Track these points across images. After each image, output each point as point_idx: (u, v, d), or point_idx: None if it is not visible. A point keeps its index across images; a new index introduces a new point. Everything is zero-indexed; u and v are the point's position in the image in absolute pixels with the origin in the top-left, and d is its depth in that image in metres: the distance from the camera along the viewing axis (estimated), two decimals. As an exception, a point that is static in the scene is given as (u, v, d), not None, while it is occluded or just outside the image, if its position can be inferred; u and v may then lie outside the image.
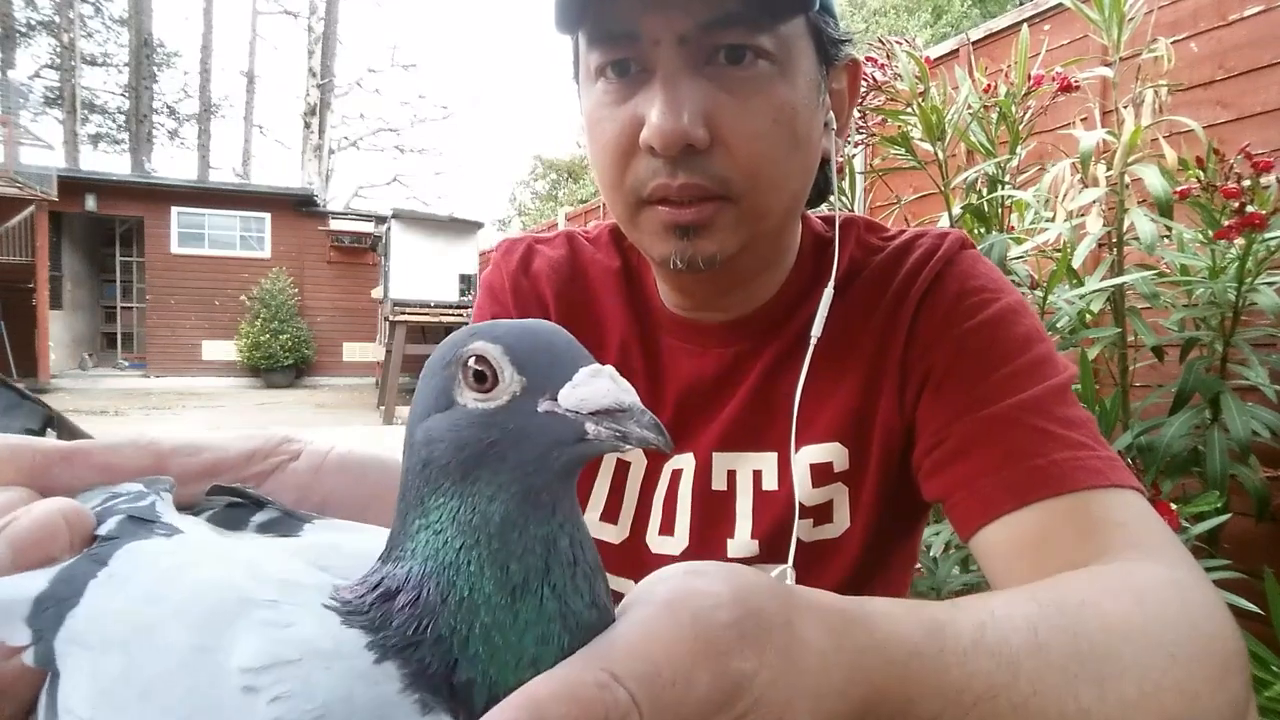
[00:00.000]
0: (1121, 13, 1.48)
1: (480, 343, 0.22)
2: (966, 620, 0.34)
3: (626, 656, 0.20)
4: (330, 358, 14.41)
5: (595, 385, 0.21)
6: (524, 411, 0.21)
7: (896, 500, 0.65)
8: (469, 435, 0.21)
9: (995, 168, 1.63)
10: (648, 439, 0.21)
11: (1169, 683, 0.37)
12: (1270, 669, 0.96)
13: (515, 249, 0.77)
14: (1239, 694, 0.40)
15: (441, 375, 0.23)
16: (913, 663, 0.30)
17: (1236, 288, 1.36)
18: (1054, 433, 0.55)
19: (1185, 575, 0.45)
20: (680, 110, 0.55)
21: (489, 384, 0.22)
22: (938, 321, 0.62)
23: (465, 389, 0.22)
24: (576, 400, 0.21)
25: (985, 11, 14.49)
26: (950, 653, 0.31)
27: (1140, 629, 0.39)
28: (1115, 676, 0.36)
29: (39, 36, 20.90)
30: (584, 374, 0.22)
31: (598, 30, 0.58)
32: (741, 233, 0.60)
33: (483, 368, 0.22)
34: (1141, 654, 0.38)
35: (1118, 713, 0.35)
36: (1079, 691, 0.35)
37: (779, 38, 0.57)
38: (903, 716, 0.29)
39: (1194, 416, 1.40)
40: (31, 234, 11.26)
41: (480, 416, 0.22)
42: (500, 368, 0.22)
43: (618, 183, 0.60)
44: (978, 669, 0.32)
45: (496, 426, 0.21)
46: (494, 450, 0.21)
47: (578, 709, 0.19)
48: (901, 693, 0.29)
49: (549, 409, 0.21)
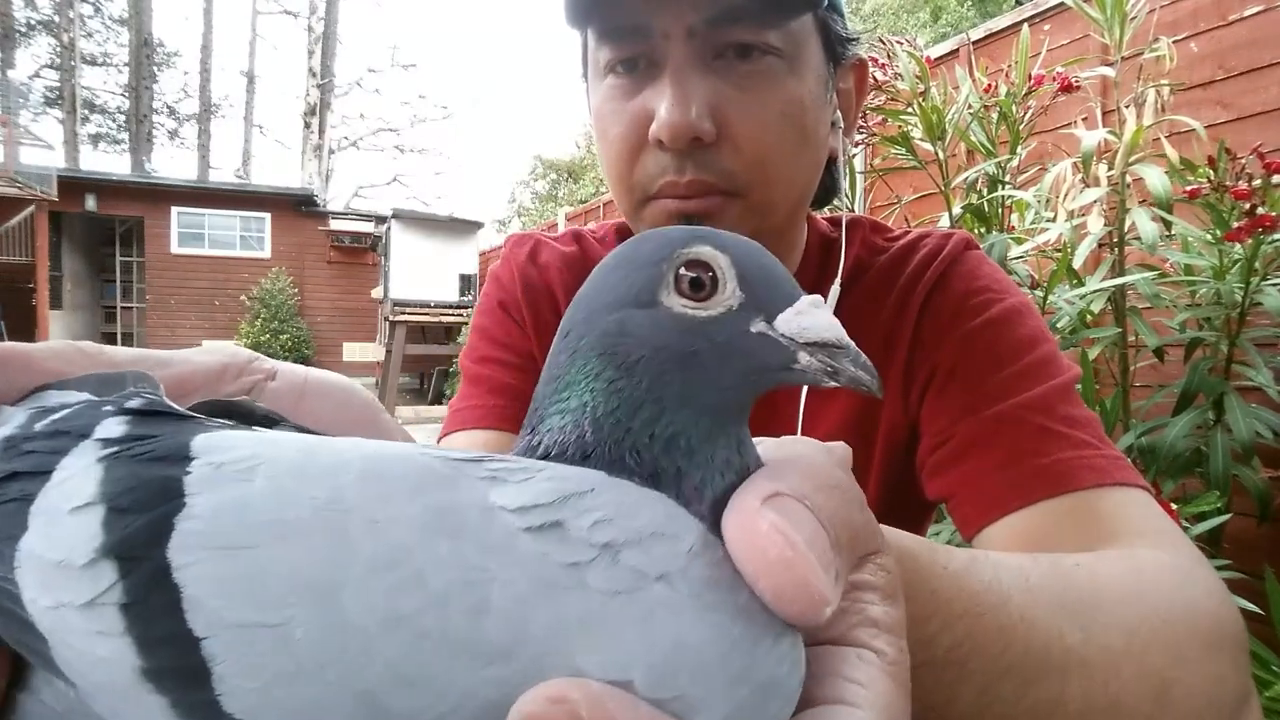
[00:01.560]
0: (1123, 12, 1.48)
1: (707, 247, 0.21)
2: (959, 552, 0.34)
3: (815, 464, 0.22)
4: (330, 358, 14.39)
5: (818, 316, 0.21)
6: (736, 328, 0.20)
7: (900, 499, 0.65)
8: (671, 339, 0.20)
9: (995, 168, 1.64)
10: (861, 379, 0.20)
11: (1157, 642, 0.37)
12: (1270, 669, 0.96)
13: (524, 243, 0.77)
14: (1227, 673, 0.40)
15: (649, 270, 0.21)
16: (907, 561, 0.30)
17: (1243, 288, 1.36)
18: (1058, 432, 0.55)
19: (1189, 563, 0.45)
20: (689, 104, 0.55)
21: (705, 292, 0.21)
22: (942, 321, 0.63)
23: (673, 292, 0.21)
24: (797, 328, 0.20)
25: (983, 12, 14.49)
26: (942, 567, 0.32)
27: (1133, 592, 0.39)
28: (1102, 626, 0.36)
29: (39, 36, 20.92)
30: (806, 302, 0.21)
31: (607, 25, 0.59)
32: (747, 227, 0.60)
33: (699, 274, 0.21)
34: (1131, 612, 0.38)
35: (1101, 657, 0.35)
36: (1065, 631, 0.35)
37: (787, 34, 0.57)
38: None
39: (1197, 417, 1.40)
40: (31, 234, 11.26)
41: (689, 323, 0.20)
42: (724, 278, 0.21)
43: (625, 177, 0.61)
44: (967, 586, 0.32)
45: (704, 336, 0.20)
46: (696, 360, 0.20)
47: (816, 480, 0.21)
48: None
49: (762, 330, 0.21)
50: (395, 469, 0.18)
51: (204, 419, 0.21)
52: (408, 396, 11.15)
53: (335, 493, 0.17)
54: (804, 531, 0.19)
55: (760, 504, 0.19)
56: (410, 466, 0.18)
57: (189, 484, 0.18)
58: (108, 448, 0.19)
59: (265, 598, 0.16)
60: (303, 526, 0.17)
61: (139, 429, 0.20)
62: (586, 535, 0.17)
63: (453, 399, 0.75)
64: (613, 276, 0.22)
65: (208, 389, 0.27)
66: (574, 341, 0.22)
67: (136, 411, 0.20)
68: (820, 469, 0.22)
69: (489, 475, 0.18)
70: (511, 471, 0.18)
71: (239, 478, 0.18)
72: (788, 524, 0.19)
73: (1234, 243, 1.35)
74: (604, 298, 0.22)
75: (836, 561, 0.19)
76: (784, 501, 0.20)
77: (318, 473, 0.18)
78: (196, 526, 0.17)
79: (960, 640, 0.31)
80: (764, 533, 0.19)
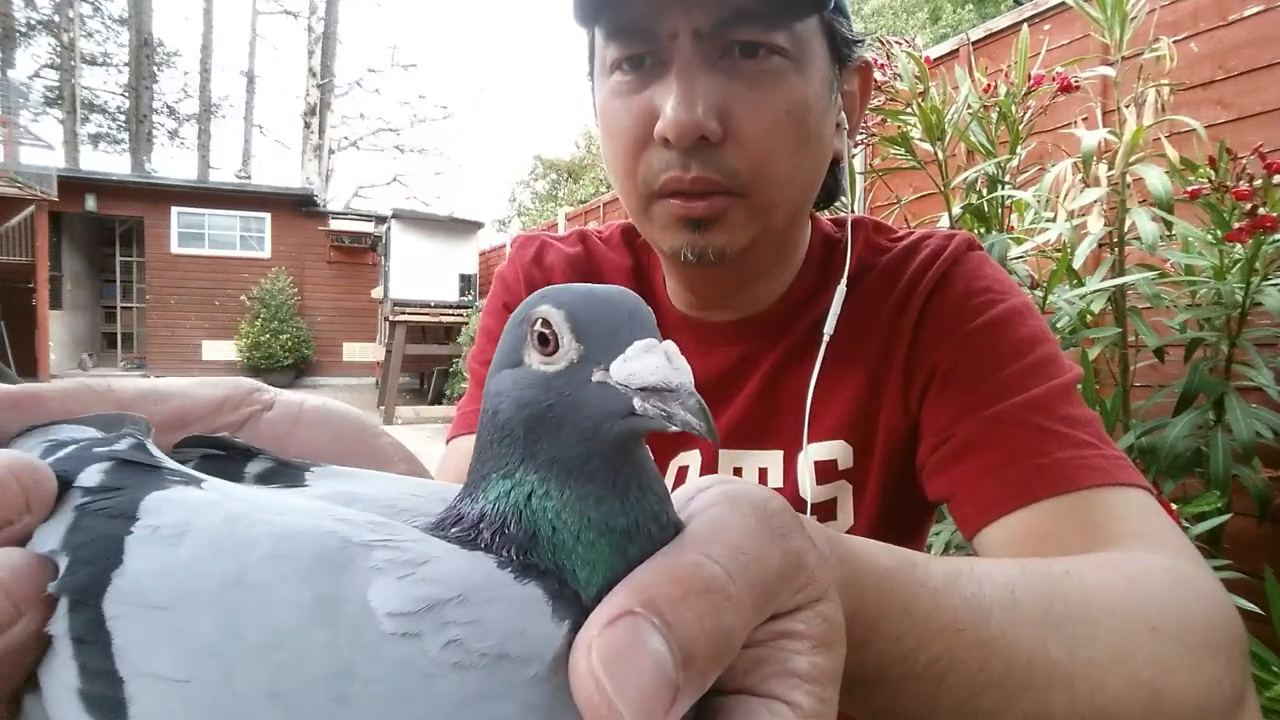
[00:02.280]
0: (1124, 12, 1.48)
1: (546, 306, 0.22)
2: (941, 566, 0.34)
3: (710, 543, 0.22)
4: (330, 358, 14.40)
5: (645, 361, 0.21)
6: (579, 379, 0.22)
7: (900, 499, 0.65)
8: (529, 395, 0.22)
9: (995, 168, 1.64)
10: (690, 423, 0.21)
11: (1144, 654, 0.37)
12: (1270, 669, 0.96)
13: (529, 244, 0.78)
14: (1221, 677, 0.40)
15: (515, 332, 0.23)
16: (883, 582, 0.30)
17: (1243, 288, 1.36)
18: (1058, 432, 0.55)
19: (1185, 565, 0.45)
20: (695, 103, 0.55)
21: (551, 348, 0.22)
22: (944, 321, 0.63)
23: (532, 349, 0.22)
24: (626, 374, 0.21)
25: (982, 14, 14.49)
26: (920, 584, 0.32)
27: (1122, 602, 0.39)
28: (1088, 640, 0.36)
29: (39, 36, 20.91)
30: (637, 348, 0.21)
31: (615, 24, 0.59)
32: (752, 227, 0.60)
33: (546, 331, 0.22)
34: (1118, 624, 0.38)
35: (1085, 670, 0.35)
36: (1049, 645, 0.35)
37: (794, 34, 0.58)
38: (872, 632, 0.30)
39: (1197, 417, 1.40)
40: (31, 234, 11.25)
41: (540, 379, 0.22)
42: (560, 333, 0.22)
43: (630, 174, 0.61)
44: (946, 603, 0.32)
45: (554, 390, 0.22)
46: (551, 414, 0.22)
47: (680, 586, 0.20)
48: (873, 607, 0.30)
49: (601, 379, 0.21)
50: (300, 549, 0.20)
51: (169, 471, 0.24)
52: (408, 396, 11.15)
53: (242, 570, 0.20)
54: (631, 670, 0.19)
55: (599, 632, 0.19)
56: (312, 549, 0.20)
57: (128, 544, 0.21)
58: (84, 496, 0.22)
59: (173, 657, 0.19)
60: (210, 598, 0.20)
61: (112, 479, 0.23)
62: (439, 654, 0.19)
63: (460, 400, 0.76)
64: (502, 340, 0.24)
65: (207, 421, 0.29)
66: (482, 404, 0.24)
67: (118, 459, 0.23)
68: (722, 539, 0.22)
69: (379, 565, 0.20)
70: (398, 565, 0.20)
71: (168, 543, 0.21)
72: (610, 665, 0.19)
73: (1235, 243, 1.35)
74: (494, 360, 0.24)
75: (678, 680, 0.19)
76: (625, 628, 0.19)
77: (232, 548, 0.20)
78: (126, 584, 0.20)
79: (938, 656, 0.31)
80: (582, 676, 0.19)
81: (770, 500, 0.24)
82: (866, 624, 0.29)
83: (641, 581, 0.21)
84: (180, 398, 0.29)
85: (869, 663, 0.30)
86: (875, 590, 0.30)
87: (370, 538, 0.20)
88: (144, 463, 0.24)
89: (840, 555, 0.29)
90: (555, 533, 0.21)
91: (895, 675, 0.31)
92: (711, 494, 0.25)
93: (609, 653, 0.19)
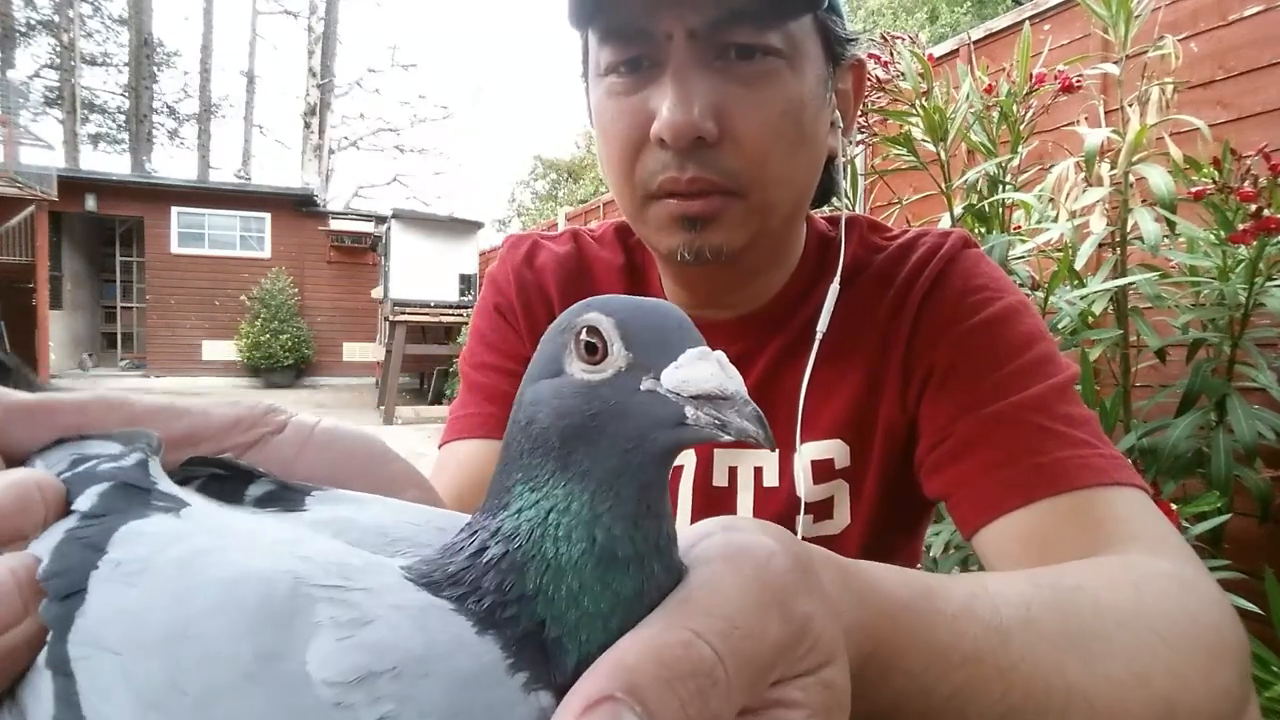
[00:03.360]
0: (1128, 9, 1.47)
1: (594, 314, 0.22)
2: (958, 589, 0.34)
3: (703, 614, 0.21)
4: (330, 358, 14.40)
5: (700, 368, 0.21)
6: (626, 388, 0.21)
7: (898, 498, 0.65)
8: (571, 405, 0.21)
9: (996, 168, 1.63)
10: (747, 430, 0.20)
11: (1159, 666, 0.37)
12: (1270, 669, 0.96)
13: (520, 244, 0.78)
14: (1231, 684, 0.40)
15: (555, 342, 0.23)
16: (901, 617, 0.30)
17: (1247, 289, 1.35)
18: (1056, 431, 0.55)
19: (1186, 570, 0.45)
20: (691, 103, 0.55)
21: (598, 356, 0.22)
22: (940, 320, 0.63)
23: (575, 359, 0.22)
24: (678, 381, 0.21)
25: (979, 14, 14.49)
26: (939, 614, 0.31)
27: (1133, 613, 0.39)
28: (1104, 656, 0.36)
29: (39, 36, 20.92)
30: (689, 355, 0.21)
31: (610, 26, 0.59)
32: (749, 227, 0.60)
33: (594, 339, 0.22)
34: (1132, 637, 0.38)
35: (1105, 689, 0.35)
36: (1066, 666, 0.34)
37: (788, 34, 0.58)
38: (891, 669, 0.29)
39: (1199, 418, 1.40)
40: (31, 234, 11.25)
41: (584, 388, 0.21)
42: (610, 340, 0.22)
43: (627, 176, 0.61)
44: (966, 631, 0.32)
45: (599, 399, 0.21)
46: (594, 423, 0.21)
47: (667, 670, 0.19)
48: (891, 644, 0.29)
49: (651, 388, 0.21)
50: (246, 598, 0.20)
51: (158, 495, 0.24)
52: (408, 396, 11.15)
53: (186, 621, 0.20)
54: None
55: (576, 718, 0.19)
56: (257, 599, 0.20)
57: (92, 580, 0.21)
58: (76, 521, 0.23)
59: (123, 706, 0.20)
60: (156, 649, 0.20)
61: (104, 504, 0.23)
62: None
63: (453, 404, 0.75)
64: (539, 350, 0.23)
65: (217, 440, 0.29)
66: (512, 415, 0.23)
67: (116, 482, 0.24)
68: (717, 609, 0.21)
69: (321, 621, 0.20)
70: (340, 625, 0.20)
71: (125, 582, 0.21)
72: None
73: (1239, 244, 1.34)
74: (530, 371, 0.23)
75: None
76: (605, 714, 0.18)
77: (181, 592, 0.20)
78: (86, 624, 0.21)
79: (959, 689, 0.31)
80: None
81: (774, 558, 0.23)
82: (885, 661, 0.29)
83: (625, 661, 0.20)
84: (194, 416, 0.29)
85: (886, 700, 0.30)
86: (893, 627, 0.29)
87: (322, 582, 0.20)
88: (139, 485, 0.24)
89: (858, 593, 0.28)
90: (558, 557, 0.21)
91: (915, 709, 0.30)
92: (714, 545, 0.23)
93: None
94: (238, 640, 0.19)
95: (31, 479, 0.24)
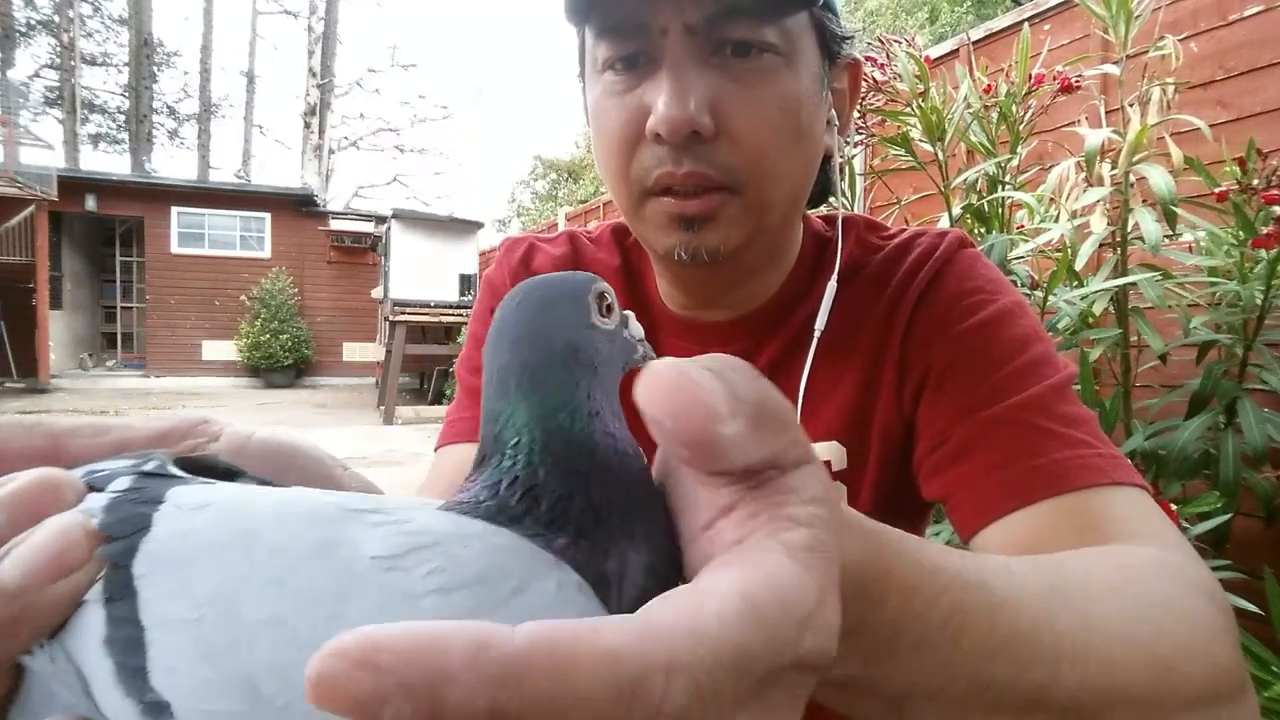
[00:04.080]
0: (1128, 9, 1.47)
1: (604, 284, 0.30)
2: (937, 545, 0.33)
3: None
4: (330, 358, 14.41)
5: (635, 324, 0.32)
6: (620, 334, 0.30)
7: (895, 500, 0.65)
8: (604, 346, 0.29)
9: (995, 168, 1.63)
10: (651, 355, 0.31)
11: (1148, 629, 0.37)
12: (1270, 669, 0.96)
13: (517, 247, 0.77)
14: (1230, 660, 0.39)
15: (583, 306, 0.29)
16: (883, 536, 0.29)
17: (1264, 291, 1.34)
18: (1054, 431, 0.55)
19: (1180, 559, 0.45)
20: (687, 98, 0.55)
21: (612, 313, 0.30)
22: (936, 321, 0.62)
23: (598, 314, 0.29)
24: (635, 332, 0.31)
25: (980, 14, 14.48)
26: (922, 543, 0.31)
27: (1124, 581, 0.39)
28: (1098, 615, 0.36)
29: (39, 36, 20.91)
30: (629, 316, 0.31)
31: (606, 22, 0.59)
32: (746, 226, 0.60)
33: (609, 302, 0.30)
34: (1122, 601, 0.37)
35: (1096, 641, 0.34)
36: (1056, 615, 0.34)
37: (784, 31, 0.57)
38: (885, 589, 0.28)
39: (1208, 420, 1.39)
40: (31, 234, 11.26)
41: (609, 334, 0.29)
42: (615, 304, 0.30)
43: (622, 172, 0.61)
44: (949, 563, 0.31)
45: (611, 341, 0.29)
46: (609, 358, 0.29)
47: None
48: (877, 562, 0.28)
49: (627, 336, 0.31)
50: (302, 510, 0.23)
51: (190, 478, 0.27)
52: (407, 396, 11.15)
53: (253, 524, 0.23)
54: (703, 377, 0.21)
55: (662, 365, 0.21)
56: (313, 509, 0.23)
57: (156, 518, 0.24)
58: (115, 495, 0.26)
59: (190, 600, 0.22)
60: (224, 549, 0.22)
61: (139, 483, 0.26)
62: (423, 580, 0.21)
63: (449, 407, 0.75)
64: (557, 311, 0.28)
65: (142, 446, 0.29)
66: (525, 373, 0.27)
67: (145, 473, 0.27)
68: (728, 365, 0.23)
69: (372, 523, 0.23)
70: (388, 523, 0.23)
71: (191, 513, 0.24)
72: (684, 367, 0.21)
73: (1262, 248, 1.32)
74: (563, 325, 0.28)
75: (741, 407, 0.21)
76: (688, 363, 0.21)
77: (246, 510, 0.24)
78: (154, 548, 0.23)
79: (948, 615, 0.30)
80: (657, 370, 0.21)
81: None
82: (878, 579, 0.28)
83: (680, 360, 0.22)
84: (120, 430, 0.29)
85: (886, 624, 0.29)
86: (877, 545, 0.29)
87: (364, 507, 0.24)
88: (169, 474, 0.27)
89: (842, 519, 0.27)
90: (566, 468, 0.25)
91: (912, 638, 0.30)
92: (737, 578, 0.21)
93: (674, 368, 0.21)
94: (300, 534, 0.22)
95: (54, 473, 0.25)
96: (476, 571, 0.21)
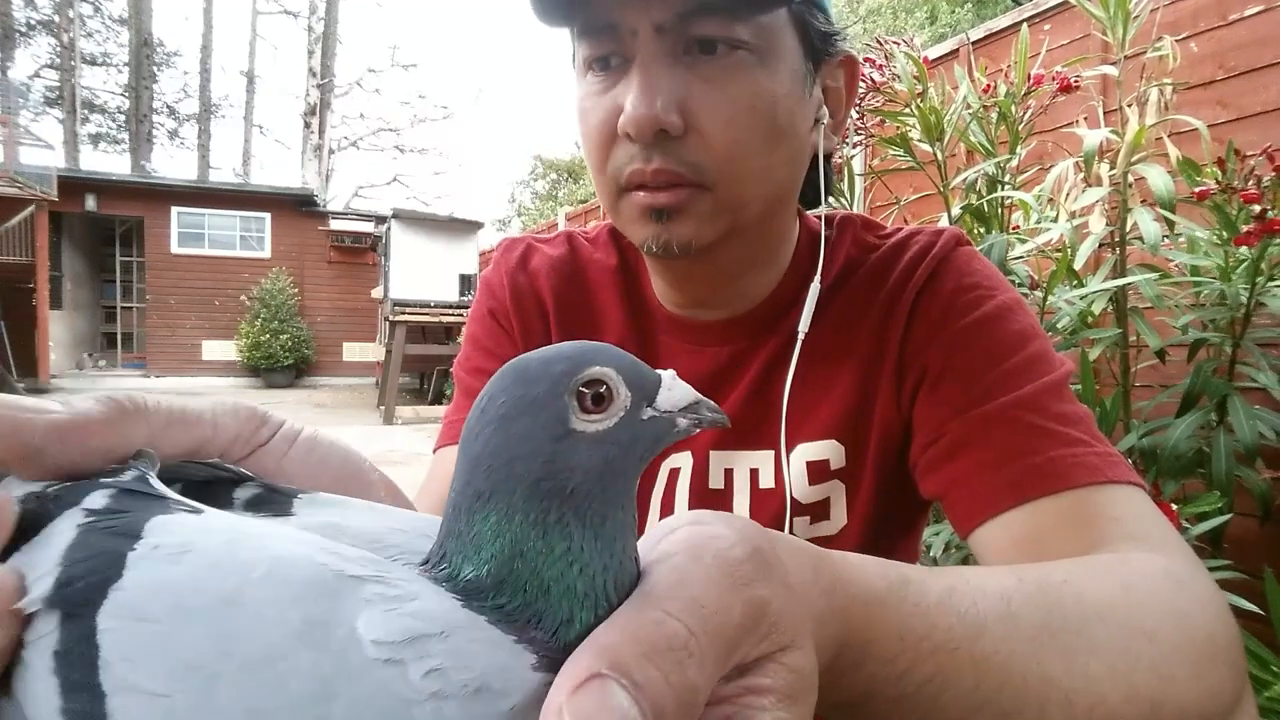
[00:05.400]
0: (1127, 10, 1.47)
1: (596, 368, 0.24)
2: (936, 582, 0.34)
3: (670, 598, 0.22)
4: (330, 358, 14.41)
5: (679, 385, 0.25)
6: (633, 422, 0.24)
7: (894, 498, 0.65)
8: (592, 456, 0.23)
9: (995, 168, 1.63)
10: (718, 420, 0.26)
11: (1143, 663, 0.37)
12: (1270, 669, 0.96)
13: (514, 248, 0.77)
14: (1222, 684, 0.39)
15: (553, 408, 0.23)
16: (873, 606, 0.30)
17: (1249, 289, 1.35)
18: (1051, 429, 0.55)
19: (1181, 567, 0.45)
20: (654, 96, 0.56)
21: (604, 404, 0.23)
22: (933, 318, 0.62)
23: (579, 415, 0.23)
24: (672, 402, 0.25)
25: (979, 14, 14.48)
26: (912, 603, 0.31)
27: (1119, 610, 0.39)
28: (1085, 651, 0.36)
29: (39, 36, 20.91)
30: (669, 377, 0.26)
31: (576, 24, 0.60)
32: (719, 222, 0.60)
33: (597, 390, 0.23)
34: (1116, 633, 0.37)
35: (1082, 685, 0.35)
36: (1045, 659, 0.34)
37: (758, 27, 0.57)
38: (864, 656, 0.29)
39: (1200, 418, 1.40)
40: (31, 234, 11.25)
41: (600, 436, 0.23)
42: (617, 389, 0.24)
43: (601, 169, 0.62)
44: (940, 622, 0.32)
45: (613, 442, 0.23)
46: (610, 465, 0.23)
47: (644, 645, 0.21)
48: (863, 633, 0.29)
49: (652, 414, 0.24)
50: (295, 575, 0.21)
51: (172, 500, 0.24)
52: (408, 396, 11.15)
53: (237, 588, 0.20)
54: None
55: (567, 697, 0.19)
56: (306, 576, 0.21)
57: (130, 559, 0.21)
58: (88, 517, 0.23)
59: (159, 670, 0.19)
60: (201, 614, 0.20)
61: (118, 503, 0.23)
62: (420, 682, 0.19)
63: (448, 408, 0.75)
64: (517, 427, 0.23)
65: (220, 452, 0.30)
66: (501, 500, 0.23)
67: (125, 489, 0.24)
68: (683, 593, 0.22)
69: (369, 598, 0.21)
70: (387, 599, 0.21)
71: (169, 560, 0.21)
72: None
73: (1244, 246, 1.33)
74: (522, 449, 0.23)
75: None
76: (594, 690, 0.19)
77: (231, 566, 0.21)
78: (123, 598, 0.21)
79: (930, 676, 0.31)
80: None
81: (734, 547, 0.24)
82: (858, 648, 0.29)
83: (605, 642, 0.21)
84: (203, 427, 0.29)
85: (860, 686, 0.30)
86: (865, 615, 0.30)
87: (361, 572, 0.21)
88: (147, 492, 0.24)
89: (829, 582, 0.29)
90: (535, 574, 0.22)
91: (888, 696, 0.31)
92: (677, 539, 0.25)
93: (581, 715, 0.19)
94: (289, 608, 0.20)
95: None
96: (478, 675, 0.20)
